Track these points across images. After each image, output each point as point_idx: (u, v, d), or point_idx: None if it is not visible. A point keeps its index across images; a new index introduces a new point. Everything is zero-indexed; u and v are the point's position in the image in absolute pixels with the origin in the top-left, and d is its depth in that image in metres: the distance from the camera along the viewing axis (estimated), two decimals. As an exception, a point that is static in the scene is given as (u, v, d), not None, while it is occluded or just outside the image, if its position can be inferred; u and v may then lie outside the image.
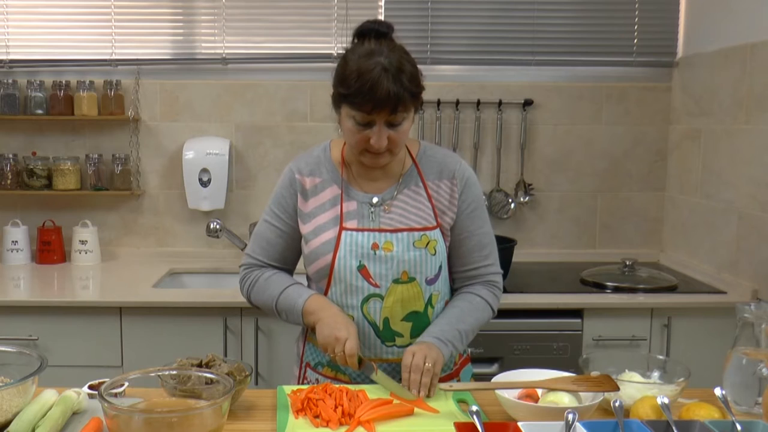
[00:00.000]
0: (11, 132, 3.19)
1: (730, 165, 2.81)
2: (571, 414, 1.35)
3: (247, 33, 3.19)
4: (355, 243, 1.74)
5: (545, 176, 3.30)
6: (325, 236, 1.76)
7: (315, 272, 1.79)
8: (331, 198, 1.79)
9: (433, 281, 1.78)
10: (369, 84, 1.60)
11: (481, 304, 1.81)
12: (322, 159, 1.83)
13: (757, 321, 1.61)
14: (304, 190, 1.81)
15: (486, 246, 1.84)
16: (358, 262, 1.73)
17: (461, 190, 1.81)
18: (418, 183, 1.81)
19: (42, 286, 2.87)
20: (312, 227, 1.79)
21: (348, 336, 1.65)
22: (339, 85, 1.67)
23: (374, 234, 1.74)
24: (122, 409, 1.31)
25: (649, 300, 2.70)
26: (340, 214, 1.77)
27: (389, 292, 1.74)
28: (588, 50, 3.24)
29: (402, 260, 1.73)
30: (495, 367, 2.62)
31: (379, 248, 1.73)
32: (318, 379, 1.84)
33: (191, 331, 2.59)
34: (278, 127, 3.24)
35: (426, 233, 1.76)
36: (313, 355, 1.86)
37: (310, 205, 1.80)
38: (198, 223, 3.23)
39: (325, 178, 1.81)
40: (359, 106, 1.63)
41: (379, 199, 1.78)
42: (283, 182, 1.84)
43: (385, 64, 1.60)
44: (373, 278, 1.73)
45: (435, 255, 1.76)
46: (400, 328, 1.76)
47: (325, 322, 1.69)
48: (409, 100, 1.64)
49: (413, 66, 1.67)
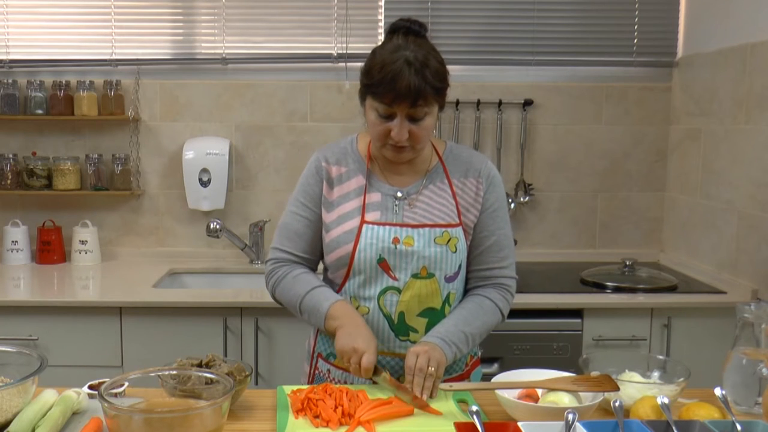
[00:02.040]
0: (11, 132, 3.19)
1: (730, 165, 2.81)
2: (571, 414, 1.35)
3: (247, 33, 3.19)
4: (376, 236, 1.74)
5: (545, 176, 3.30)
6: (347, 225, 1.76)
7: (334, 261, 1.78)
8: (356, 188, 1.79)
9: (452, 279, 1.78)
10: (390, 75, 1.62)
11: (491, 307, 1.80)
12: (348, 150, 1.84)
13: (757, 321, 1.61)
14: (330, 179, 1.81)
15: (504, 248, 1.83)
16: (378, 255, 1.73)
17: (486, 188, 1.81)
18: (443, 180, 1.82)
19: (42, 286, 2.87)
20: (335, 216, 1.79)
21: (366, 349, 1.62)
22: (364, 76, 1.70)
23: (396, 228, 1.75)
24: (122, 409, 1.30)
25: (649, 300, 2.70)
26: (363, 205, 1.77)
27: (407, 287, 1.74)
28: (588, 50, 3.24)
29: (422, 255, 1.73)
30: (495, 367, 2.62)
31: (399, 242, 1.73)
32: (330, 369, 1.83)
33: (191, 331, 2.60)
34: (278, 127, 3.24)
35: (448, 230, 1.76)
36: (326, 346, 1.85)
37: (335, 194, 1.80)
38: (198, 223, 3.23)
39: (351, 168, 1.81)
40: (380, 97, 1.65)
41: (404, 193, 1.79)
42: (309, 170, 1.84)
43: (409, 58, 1.63)
44: (392, 271, 1.73)
45: (456, 253, 1.76)
46: (415, 323, 1.76)
47: (347, 330, 1.67)
48: (431, 94, 1.65)
49: (440, 63, 1.68)
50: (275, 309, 2.59)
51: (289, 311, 1.85)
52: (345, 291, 1.79)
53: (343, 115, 3.22)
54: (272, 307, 2.60)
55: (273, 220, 3.21)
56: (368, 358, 1.61)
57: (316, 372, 1.88)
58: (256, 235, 3.17)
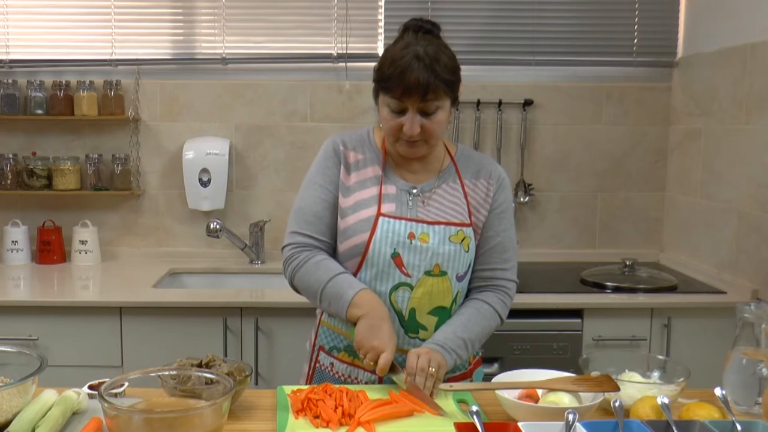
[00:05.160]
0: (11, 132, 3.19)
1: (730, 165, 2.81)
2: (571, 414, 1.35)
3: (247, 33, 3.19)
4: (392, 230, 1.73)
5: (545, 176, 3.30)
6: (364, 213, 1.75)
7: (347, 249, 1.76)
8: (373, 177, 1.79)
9: (462, 278, 1.79)
10: (400, 69, 1.64)
11: (489, 312, 1.81)
12: (365, 139, 1.84)
13: (757, 321, 1.61)
14: (347, 164, 1.80)
15: (508, 250, 1.85)
16: (393, 249, 1.73)
17: (496, 190, 1.83)
18: (455, 180, 1.83)
19: (42, 286, 2.87)
20: (352, 202, 1.78)
21: (385, 348, 1.62)
22: (375, 74, 1.72)
23: (411, 223, 1.75)
24: (122, 409, 1.30)
25: (649, 300, 2.70)
26: (379, 195, 1.77)
27: (419, 284, 1.74)
28: (588, 50, 3.24)
29: (437, 253, 1.74)
30: (495, 367, 2.62)
31: (415, 238, 1.74)
32: (333, 363, 1.82)
33: (191, 331, 2.59)
34: (278, 127, 3.24)
35: (462, 229, 1.77)
36: (328, 339, 1.85)
37: (352, 179, 1.80)
38: (198, 223, 3.23)
39: (367, 156, 1.82)
40: (391, 91, 1.67)
41: (418, 190, 1.80)
42: (327, 153, 1.82)
43: (419, 53, 1.65)
44: (405, 267, 1.73)
45: (468, 252, 1.78)
46: (425, 321, 1.76)
47: (370, 323, 1.66)
48: (441, 88, 1.67)
49: (451, 59, 1.72)
50: (275, 309, 2.61)
51: (288, 309, 1.85)
52: None
53: (343, 115, 3.22)
54: (272, 307, 2.60)
55: (273, 220, 3.21)
56: (386, 357, 1.61)
57: (317, 365, 1.86)
58: (256, 235, 3.17)
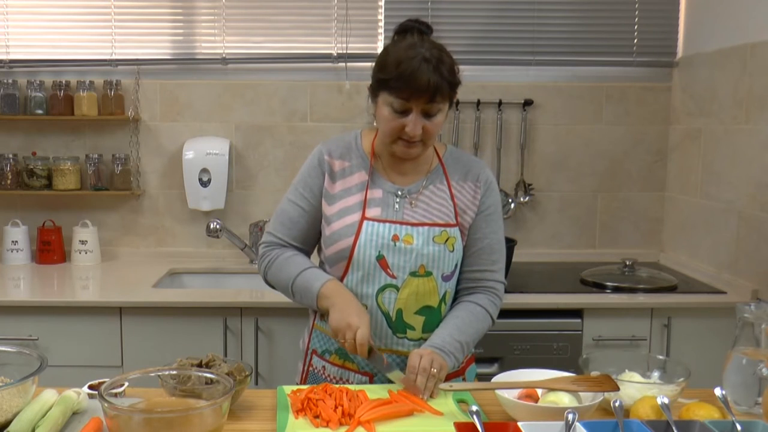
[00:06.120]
0: (11, 132, 3.19)
1: (730, 165, 2.81)
2: (571, 414, 1.35)
3: (247, 33, 3.19)
4: (376, 233, 1.76)
5: (545, 176, 3.30)
6: (349, 219, 1.78)
7: (333, 254, 1.80)
8: (359, 183, 1.82)
9: (449, 278, 1.81)
10: (409, 71, 1.65)
11: (482, 314, 1.83)
12: (353, 146, 1.86)
13: (757, 321, 1.61)
14: (333, 172, 1.83)
15: (495, 252, 1.87)
16: (377, 252, 1.75)
17: (483, 192, 1.85)
18: (442, 181, 1.84)
19: (42, 286, 2.86)
20: (336, 209, 1.81)
21: (360, 324, 1.66)
22: (379, 72, 1.72)
23: (396, 226, 1.77)
24: (122, 409, 1.30)
25: (649, 300, 2.70)
26: (364, 200, 1.79)
27: (405, 284, 1.76)
28: (588, 50, 3.24)
29: (421, 254, 1.76)
30: (495, 367, 2.62)
31: (399, 240, 1.76)
32: (325, 366, 1.84)
33: (191, 331, 2.59)
34: (278, 127, 3.24)
35: (446, 230, 1.79)
36: (321, 342, 1.87)
37: (338, 188, 1.82)
38: (198, 223, 3.23)
39: (354, 163, 1.84)
40: (398, 92, 1.68)
41: (405, 192, 1.81)
42: (311, 163, 1.86)
43: (426, 55, 1.67)
44: (390, 269, 1.75)
45: (453, 252, 1.79)
46: (412, 321, 1.78)
47: (339, 307, 1.70)
48: (446, 90, 1.69)
49: (452, 61, 1.74)
50: (275, 309, 2.60)
51: (288, 309, 1.86)
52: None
53: (343, 115, 3.22)
54: (272, 307, 2.60)
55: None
56: (362, 332, 1.65)
57: (310, 369, 1.89)
58: (256, 235, 3.17)
